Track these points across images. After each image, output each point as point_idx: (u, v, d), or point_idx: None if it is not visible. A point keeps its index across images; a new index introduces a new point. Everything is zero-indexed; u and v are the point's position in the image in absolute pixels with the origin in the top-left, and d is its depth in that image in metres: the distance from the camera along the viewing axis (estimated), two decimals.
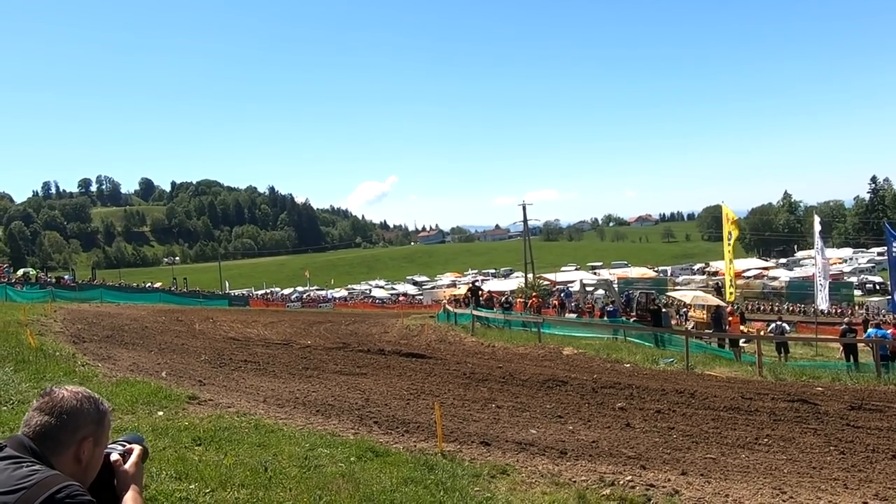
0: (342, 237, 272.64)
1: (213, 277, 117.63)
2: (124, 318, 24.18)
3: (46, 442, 2.06)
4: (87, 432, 2.16)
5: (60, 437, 2.08)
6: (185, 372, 13.65)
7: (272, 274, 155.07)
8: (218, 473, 6.50)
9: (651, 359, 19.66)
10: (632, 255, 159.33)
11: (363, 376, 14.86)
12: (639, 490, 7.27)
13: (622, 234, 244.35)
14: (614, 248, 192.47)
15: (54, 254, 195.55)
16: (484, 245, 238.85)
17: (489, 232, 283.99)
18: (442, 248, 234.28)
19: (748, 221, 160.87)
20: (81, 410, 2.16)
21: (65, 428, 2.10)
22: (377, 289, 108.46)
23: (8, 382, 10.26)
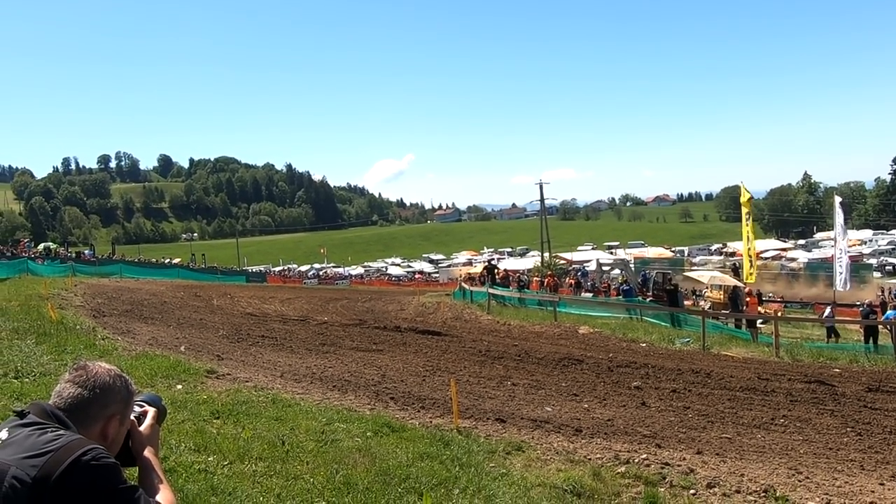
0: (359, 215, 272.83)
1: (230, 254, 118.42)
2: (143, 294, 24.39)
3: (76, 413, 2.08)
4: (115, 410, 2.19)
5: (90, 410, 2.11)
6: (204, 346, 13.77)
7: (289, 251, 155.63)
8: (236, 446, 6.57)
9: (667, 338, 19.62)
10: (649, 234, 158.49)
11: (379, 353, 14.94)
12: (654, 468, 7.28)
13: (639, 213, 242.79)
14: (631, 228, 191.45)
15: (74, 229, 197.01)
16: (500, 224, 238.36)
17: (506, 211, 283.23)
18: (458, 227, 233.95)
19: (767, 202, 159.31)
20: (113, 388, 2.19)
21: (96, 402, 2.13)
22: (393, 266, 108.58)
23: (30, 355, 10.39)
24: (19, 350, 10.66)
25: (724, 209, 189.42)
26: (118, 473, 1.96)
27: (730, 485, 6.95)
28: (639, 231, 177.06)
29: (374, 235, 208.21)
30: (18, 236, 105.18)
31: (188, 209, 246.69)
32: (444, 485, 6.00)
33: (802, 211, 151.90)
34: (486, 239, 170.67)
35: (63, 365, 9.83)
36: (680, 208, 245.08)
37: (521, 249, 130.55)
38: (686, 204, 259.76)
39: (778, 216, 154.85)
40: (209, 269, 66.02)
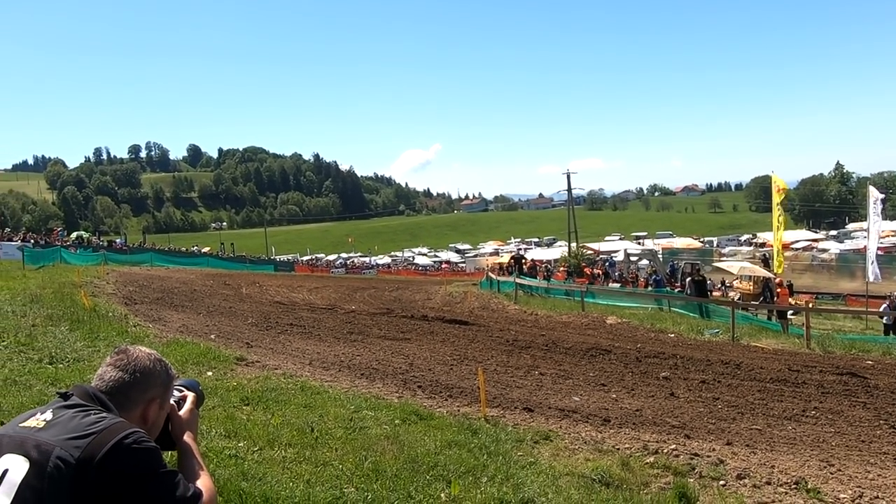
0: (386, 204, 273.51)
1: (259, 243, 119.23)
2: (174, 282, 24.67)
3: (117, 397, 2.12)
4: (155, 393, 2.22)
5: (131, 394, 2.15)
6: (233, 334, 13.90)
7: (317, 240, 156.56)
8: (266, 432, 6.63)
9: (696, 329, 19.45)
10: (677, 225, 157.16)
11: (407, 341, 14.98)
12: (683, 459, 7.23)
13: (667, 203, 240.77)
14: (659, 218, 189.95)
15: (106, 218, 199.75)
16: (527, 214, 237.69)
17: (532, 201, 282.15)
18: (485, 217, 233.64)
19: (798, 192, 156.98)
20: (154, 372, 2.22)
21: (137, 386, 2.16)
22: (420, 256, 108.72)
23: (64, 341, 10.57)
24: (53, 336, 10.84)
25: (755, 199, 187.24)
26: (158, 457, 1.99)
27: (760, 476, 6.89)
28: (667, 221, 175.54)
29: (401, 225, 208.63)
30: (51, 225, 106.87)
31: (217, 199, 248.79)
32: (473, 472, 6.01)
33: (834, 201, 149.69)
34: (513, 229, 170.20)
35: (96, 351, 9.99)
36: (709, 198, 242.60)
37: (547, 239, 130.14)
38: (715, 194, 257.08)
39: (809, 206, 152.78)
40: (238, 258, 66.57)
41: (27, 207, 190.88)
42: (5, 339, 10.14)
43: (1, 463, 1.88)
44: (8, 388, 7.56)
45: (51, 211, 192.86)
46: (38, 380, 8.07)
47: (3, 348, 9.66)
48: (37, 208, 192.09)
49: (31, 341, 10.25)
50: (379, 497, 5.27)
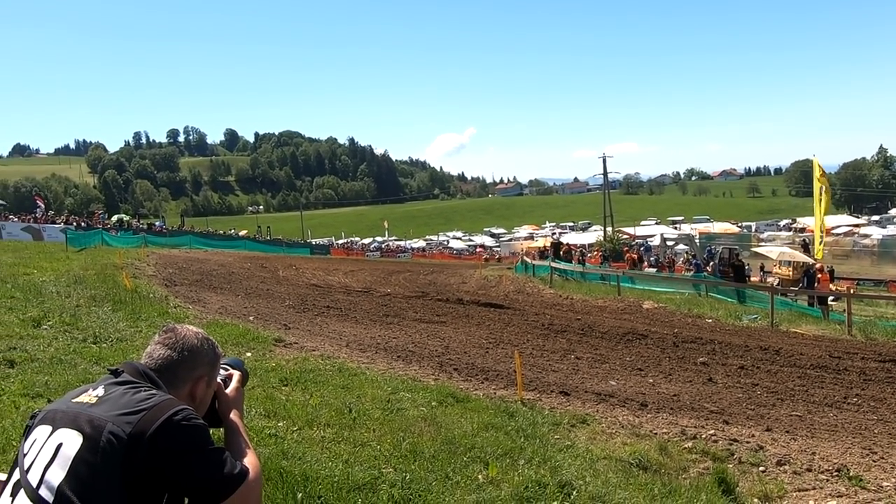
0: (420, 188, 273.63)
1: (295, 226, 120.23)
2: (212, 264, 24.95)
3: (166, 374, 2.16)
4: (202, 371, 2.26)
5: (179, 371, 2.19)
6: (271, 316, 14.05)
7: (352, 224, 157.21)
8: (304, 412, 6.71)
9: (734, 315, 19.22)
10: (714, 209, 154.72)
11: (442, 324, 15.02)
12: (722, 444, 7.18)
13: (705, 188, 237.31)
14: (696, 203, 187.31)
15: (145, 201, 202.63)
16: (562, 198, 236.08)
17: (567, 185, 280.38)
18: (520, 201, 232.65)
19: (839, 176, 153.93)
20: (201, 350, 2.26)
21: (184, 364, 2.20)
22: (454, 240, 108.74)
23: (107, 321, 10.77)
24: (97, 317, 11.05)
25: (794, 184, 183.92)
26: (207, 434, 2.03)
27: (801, 463, 6.82)
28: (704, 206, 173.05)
29: (436, 209, 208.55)
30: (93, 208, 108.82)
31: (254, 182, 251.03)
32: (510, 455, 6.03)
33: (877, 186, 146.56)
34: (548, 213, 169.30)
35: (138, 331, 10.17)
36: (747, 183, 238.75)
37: (582, 224, 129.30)
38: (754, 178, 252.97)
39: (851, 191, 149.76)
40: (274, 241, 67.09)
41: (69, 191, 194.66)
42: (51, 319, 10.35)
43: (55, 437, 1.93)
44: (54, 366, 7.73)
45: (92, 194, 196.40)
46: (82, 359, 8.24)
47: (49, 328, 9.86)
48: (79, 192, 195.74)
49: (75, 321, 10.46)
50: (417, 478, 5.31)
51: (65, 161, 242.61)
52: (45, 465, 1.88)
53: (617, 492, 5.44)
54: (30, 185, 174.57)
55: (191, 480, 1.94)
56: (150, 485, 1.88)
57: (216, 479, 1.96)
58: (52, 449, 1.91)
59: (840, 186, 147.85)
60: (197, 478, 1.95)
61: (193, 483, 1.95)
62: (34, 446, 1.95)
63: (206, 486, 1.96)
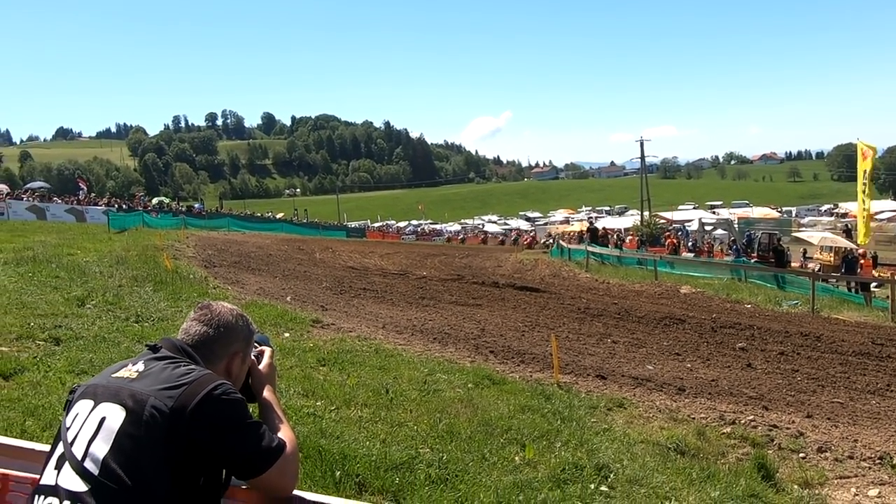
0: (456, 172, 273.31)
1: (331, 209, 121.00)
2: (250, 246, 25.22)
3: (202, 350, 2.19)
4: (238, 348, 2.28)
5: (215, 348, 2.22)
6: (308, 297, 14.16)
7: (387, 207, 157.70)
8: (342, 393, 6.77)
9: (773, 300, 18.96)
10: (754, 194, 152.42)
11: (478, 307, 15.03)
12: (761, 430, 7.11)
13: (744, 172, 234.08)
14: (735, 187, 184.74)
15: (184, 184, 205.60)
16: (598, 182, 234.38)
17: (604, 169, 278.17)
18: (555, 185, 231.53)
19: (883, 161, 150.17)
20: (236, 326, 2.29)
21: (220, 340, 2.23)
22: (490, 224, 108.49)
23: (148, 301, 10.95)
24: (139, 296, 11.23)
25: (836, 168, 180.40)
26: (245, 408, 2.06)
27: (842, 450, 6.72)
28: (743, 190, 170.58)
29: (471, 192, 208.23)
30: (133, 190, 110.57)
31: (290, 166, 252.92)
32: (546, 437, 6.03)
33: None
34: (584, 197, 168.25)
35: (179, 311, 10.32)
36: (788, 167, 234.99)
37: (619, 208, 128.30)
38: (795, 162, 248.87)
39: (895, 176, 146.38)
40: (311, 224, 67.70)
41: (111, 174, 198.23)
42: (94, 298, 10.55)
43: (98, 411, 1.97)
44: (98, 344, 7.89)
45: (133, 177, 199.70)
46: (125, 337, 8.39)
47: (93, 307, 10.05)
48: (120, 174, 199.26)
49: (118, 301, 10.64)
50: (454, 458, 5.33)
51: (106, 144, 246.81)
52: (89, 438, 1.92)
53: (655, 475, 5.42)
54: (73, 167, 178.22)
55: (230, 453, 1.98)
56: (191, 458, 1.91)
57: (255, 452, 2.00)
58: (95, 423, 1.94)
59: (885, 171, 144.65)
60: (236, 451, 1.98)
61: (233, 456, 1.99)
62: (76, 420, 1.99)
63: (246, 459, 1.99)
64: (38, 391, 6.03)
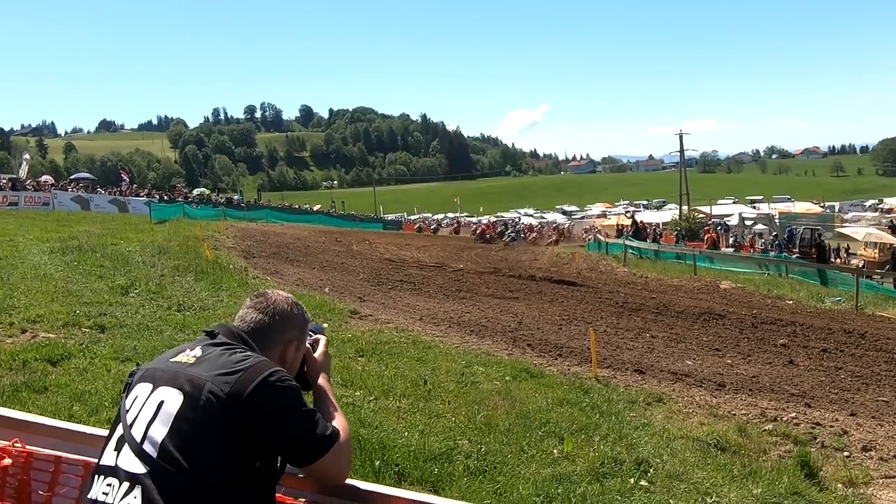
0: (492, 165, 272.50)
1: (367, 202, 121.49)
2: (288, 238, 25.46)
3: (258, 337, 2.21)
4: (292, 336, 2.31)
5: (270, 335, 2.24)
6: (346, 288, 14.27)
7: (423, 200, 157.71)
8: (380, 383, 6.82)
9: (816, 297, 18.60)
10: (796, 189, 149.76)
11: (515, 300, 15.00)
12: (804, 428, 7.00)
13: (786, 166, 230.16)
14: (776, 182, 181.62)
15: (224, 176, 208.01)
16: (636, 175, 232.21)
17: (642, 162, 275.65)
18: (593, 178, 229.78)
19: None
20: (292, 315, 2.31)
21: (275, 328, 2.25)
22: (526, 217, 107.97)
23: (189, 290, 11.12)
24: (180, 286, 11.42)
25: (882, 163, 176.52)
26: (300, 395, 2.08)
27: (888, 449, 6.59)
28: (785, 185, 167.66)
29: (507, 186, 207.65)
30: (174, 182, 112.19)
31: (328, 158, 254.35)
32: (585, 431, 6.01)
33: None
34: (621, 191, 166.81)
35: (219, 301, 10.47)
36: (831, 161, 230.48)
37: (657, 202, 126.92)
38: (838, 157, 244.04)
39: None
40: (348, 216, 68.08)
41: (152, 165, 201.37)
42: (138, 287, 10.75)
43: (156, 394, 2.00)
44: (141, 332, 8.04)
45: (173, 169, 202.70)
46: (168, 325, 8.54)
47: (136, 296, 10.25)
48: (161, 166, 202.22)
49: (160, 290, 10.84)
50: (492, 450, 5.35)
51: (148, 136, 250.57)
52: (148, 421, 1.95)
53: (695, 471, 5.37)
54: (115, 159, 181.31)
55: (285, 440, 2.00)
56: (246, 443, 1.93)
57: (309, 439, 2.02)
58: (154, 406, 1.97)
59: None
60: (291, 438, 2.01)
61: (287, 443, 2.01)
62: (136, 403, 2.02)
63: (300, 446, 2.02)
64: (85, 377, 6.17)
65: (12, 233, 17.21)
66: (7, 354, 6.57)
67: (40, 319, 8.08)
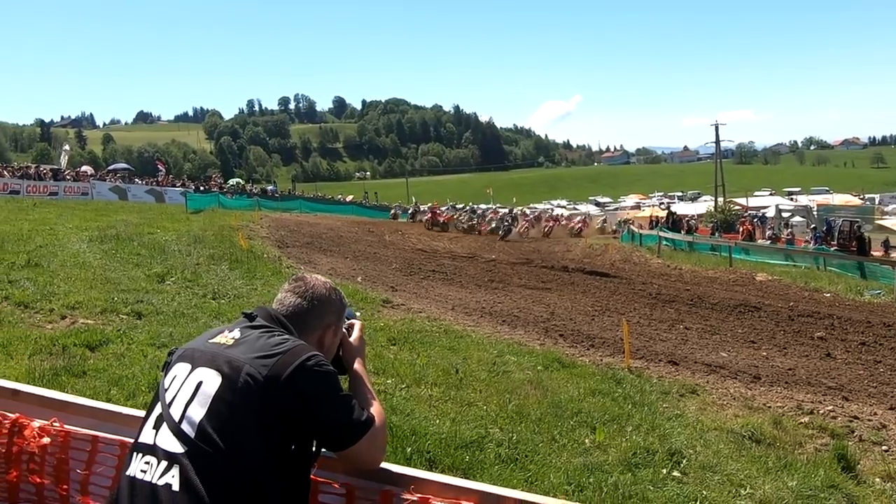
0: (525, 156, 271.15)
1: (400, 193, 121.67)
2: (321, 228, 25.61)
3: (296, 321, 2.22)
4: (330, 321, 2.31)
5: (308, 319, 2.25)
6: (378, 278, 14.33)
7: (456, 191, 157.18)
8: (412, 371, 6.84)
9: (855, 290, 18.28)
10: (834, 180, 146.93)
11: (547, 291, 14.95)
12: (841, 421, 6.90)
13: (824, 157, 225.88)
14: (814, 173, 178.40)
15: (258, 167, 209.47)
16: (671, 167, 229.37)
17: (677, 154, 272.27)
18: (626, 170, 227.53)
19: None
20: (330, 300, 2.32)
21: (314, 312, 2.26)
22: (559, 208, 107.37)
23: (224, 279, 11.25)
24: (215, 274, 11.56)
25: None
26: (337, 380, 2.09)
27: None
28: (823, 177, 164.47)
29: (540, 177, 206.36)
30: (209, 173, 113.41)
31: (360, 149, 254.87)
32: (617, 421, 5.98)
33: None
34: (656, 182, 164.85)
35: (254, 289, 10.58)
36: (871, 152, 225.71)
37: (692, 194, 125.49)
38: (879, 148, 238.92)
39: None
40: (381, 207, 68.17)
41: (188, 156, 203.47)
42: (174, 275, 10.90)
43: (195, 375, 2.02)
44: (177, 318, 8.16)
45: (209, 160, 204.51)
46: (203, 313, 8.64)
47: (172, 283, 10.39)
48: (196, 157, 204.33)
49: (196, 278, 10.97)
50: (524, 439, 5.34)
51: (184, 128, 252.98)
52: (187, 401, 1.97)
53: (729, 462, 5.32)
54: (152, 150, 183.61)
55: (321, 424, 2.01)
56: (283, 426, 1.94)
57: (345, 423, 2.02)
58: (192, 386, 1.99)
59: None
60: (327, 422, 2.01)
61: (323, 427, 2.02)
62: (174, 382, 2.04)
63: (336, 430, 2.03)
64: (122, 362, 6.27)
65: (52, 221, 17.51)
66: (47, 339, 6.70)
67: (79, 306, 8.22)
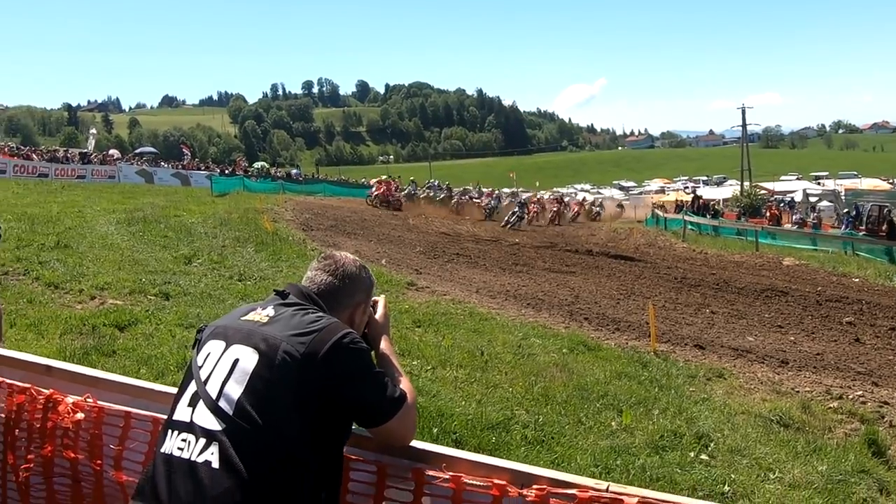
0: (548, 140, 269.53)
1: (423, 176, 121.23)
2: (345, 211, 25.69)
3: (328, 299, 2.23)
4: (360, 298, 2.31)
5: (339, 297, 2.25)
6: (403, 261, 14.35)
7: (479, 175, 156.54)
8: (437, 353, 6.86)
9: (884, 275, 18.02)
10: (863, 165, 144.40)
11: (571, 274, 14.90)
12: (871, 406, 6.82)
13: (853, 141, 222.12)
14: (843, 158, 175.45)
15: (282, 151, 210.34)
16: (696, 151, 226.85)
17: (702, 137, 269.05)
18: (651, 153, 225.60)
19: None
20: (360, 277, 2.32)
21: (344, 290, 2.26)
22: (582, 192, 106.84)
23: (250, 261, 11.33)
24: (241, 256, 11.65)
25: None
26: (370, 358, 2.12)
27: None
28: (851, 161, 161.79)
29: (564, 161, 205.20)
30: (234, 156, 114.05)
31: (384, 133, 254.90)
32: (644, 404, 5.96)
33: None
34: (680, 166, 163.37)
35: (279, 271, 10.64)
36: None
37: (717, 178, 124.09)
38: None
39: None
40: None
41: (213, 140, 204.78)
42: (200, 258, 10.99)
43: (230, 352, 2.02)
44: (204, 300, 8.24)
45: (233, 143, 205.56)
46: (229, 294, 8.72)
47: (199, 265, 10.49)
48: (221, 141, 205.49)
49: (222, 260, 11.06)
50: (549, 421, 5.35)
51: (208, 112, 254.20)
52: (224, 378, 1.97)
53: (757, 446, 5.29)
54: (177, 134, 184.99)
55: (357, 401, 2.02)
56: (319, 403, 1.95)
57: (380, 401, 2.03)
58: (228, 364, 1.99)
59: None
60: (363, 399, 2.02)
61: (359, 404, 2.03)
62: (209, 360, 2.04)
63: (371, 407, 2.03)
64: (151, 342, 6.35)
65: (81, 204, 17.71)
66: (78, 319, 6.79)
67: (108, 287, 8.32)
